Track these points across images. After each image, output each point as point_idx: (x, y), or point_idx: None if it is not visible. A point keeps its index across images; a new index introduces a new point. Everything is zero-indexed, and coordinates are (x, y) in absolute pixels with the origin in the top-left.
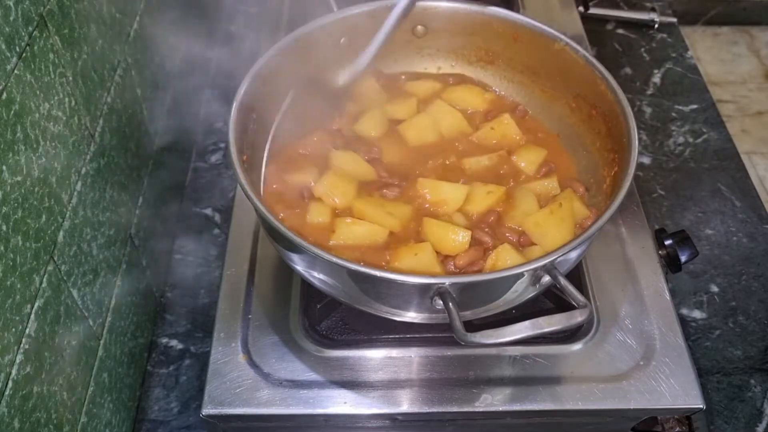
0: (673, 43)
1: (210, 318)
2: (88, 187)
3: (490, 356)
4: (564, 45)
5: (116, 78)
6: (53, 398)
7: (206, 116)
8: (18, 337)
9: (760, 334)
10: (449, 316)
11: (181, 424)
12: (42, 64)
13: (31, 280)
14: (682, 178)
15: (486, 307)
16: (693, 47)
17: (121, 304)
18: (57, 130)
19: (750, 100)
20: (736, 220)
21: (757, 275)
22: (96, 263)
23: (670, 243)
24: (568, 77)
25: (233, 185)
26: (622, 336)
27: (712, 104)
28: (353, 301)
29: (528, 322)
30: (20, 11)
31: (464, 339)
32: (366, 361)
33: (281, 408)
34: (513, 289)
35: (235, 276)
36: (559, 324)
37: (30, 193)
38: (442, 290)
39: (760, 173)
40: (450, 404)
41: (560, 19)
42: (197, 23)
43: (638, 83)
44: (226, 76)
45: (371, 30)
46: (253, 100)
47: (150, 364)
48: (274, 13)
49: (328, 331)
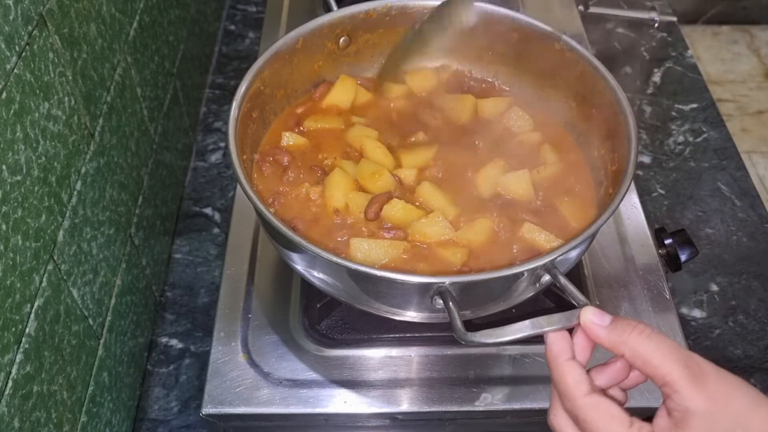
0: (673, 42)
1: (210, 317)
2: (88, 186)
3: (490, 355)
4: (563, 44)
5: (116, 77)
6: (53, 397)
7: (206, 115)
8: (18, 337)
9: (760, 333)
10: (449, 315)
11: (181, 424)
12: (42, 64)
13: (30, 280)
14: (681, 177)
15: (485, 307)
16: (693, 46)
17: (121, 304)
18: (57, 129)
19: (750, 99)
20: (736, 219)
21: (757, 274)
22: (96, 262)
23: (669, 242)
24: (568, 76)
25: (233, 185)
26: None
27: (712, 103)
28: (353, 300)
29: (528, 322)
30: (20, 10)
31: (464, 338)
32: (366, 361)
33: (281, 407)
34: (512, 288)
35: (235, 275)
36: (559, 323)
37: (30, 193)
38: (442, 289)
39: (760, 172)
40: (450, 403)
41: (560, 18)
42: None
43: (638, 82)
44: (226, 75)
45: (371, 29)
46: (253, 99)
47: (150, 363)
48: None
49: (328, 330)
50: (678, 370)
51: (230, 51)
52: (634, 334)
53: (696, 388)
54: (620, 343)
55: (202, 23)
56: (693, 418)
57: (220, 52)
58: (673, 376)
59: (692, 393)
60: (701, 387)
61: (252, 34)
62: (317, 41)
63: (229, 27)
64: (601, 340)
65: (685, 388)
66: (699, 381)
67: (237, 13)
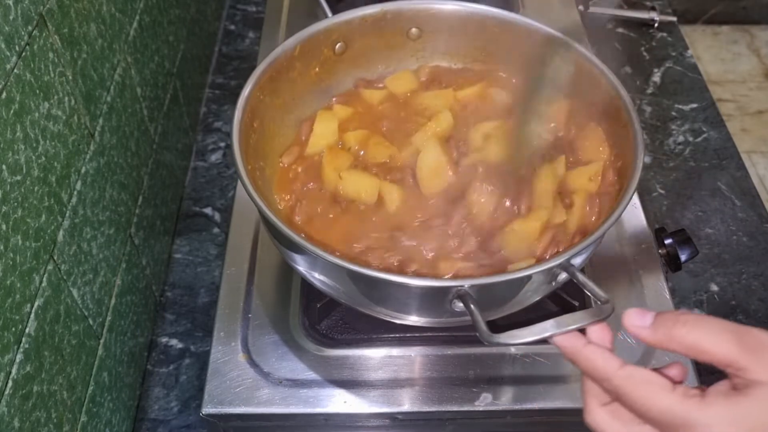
0: (673, 42)
1: (210, 317)
2: (88, 186)
3: (491, 355)
4: (578, 53)
5: (116, 77)
6: (53, 397)
7: (206, 115)
8: (18, 337)
9: None
10: (472, 318)
11: (181, 423)
12: (42, 64)
13: (30, 280)
14: (681, 177)
15: (501, 308)
16: (693, 46)
17: (121, 304)
18: (57, 129)
19: (750, 99)
20: (736, 219)
21: (757, 274)
22: (96, 262)
23: (670, 242)
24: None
25: (233, 184)
26: (622, 335)
27: (712, 103)
28: (357, 304)
29: (553, 321)
30: (20, 10)
31: (490, 340)
32: (366, 360)
33: (281, 407)
34: (527, 287)
35: (235, 275)
36: (584, 320)
37: (30, 193)
38: (461, 292)
39: (760, 172)
40: (450, 403)
41: (560, 18)
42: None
43: (638, 82)
44: (226, 75)
45: (366, 34)
46: (253, 109)
47: (150, 363)
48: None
49: (329, 330)
50: (734, 349)
51: (230, 51)
52: (677, 327)
53: (759, 362)
54: (667, 340)
55: (202, 23)
56: (757, 387)
57: (220, 52)
58: (730, 357)
59: (756, 367)
60: (763, 359)
61: (252, 34)
62: (314, 48)
63: (229, 27)
64: (648, 341)
65: (749, 365)
66: (759, 354)
67: (237, 13)
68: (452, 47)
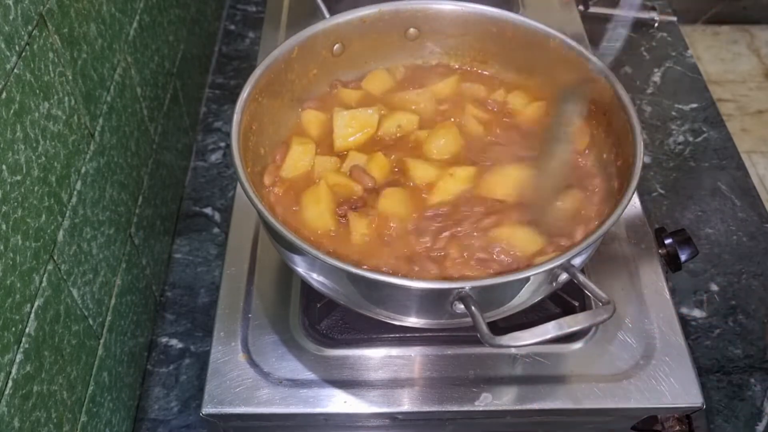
0: (673, 42)
1: (210, 317)
2: (88, 186)
3: (491, 355)
4: (559, 42)
5: (116, 77)
6: (53, 397)
7: (206, 115)
8: (18, 337)
9: (760, 333)
10: (474, 320)
11: (181, 423)
12: (42, 64)
13: (30, 280)
14: (682, 177)
15: (502, 309)
16: (693, 46)
17: (121, 304)
18: (57, 129)
19: (750, 99)
20: (735, 218)
21: (757, 274)
22: (96, 262)
23: (670, 242)
24: (566, 75)
25: (233, 184)
26: (622, 335)
27: (712, 103)
28: (356, 305)
29: (554, 323)
30: (20, 10)
31: (492, 342)
32: (366, 360)
33: (281, 407)
34: (527, 288)
35: (235, 275)
36: (585, 322)
37: (30, 193)
38: (463, 294)
39: (760, 172)
40: (450, 403)
41: (560, 18)
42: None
43: (638, 82)
44: (226, 75)
45: (364, 35)
46: (252, 112)
47: (150, 363)
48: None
49: (328, 330)
50: None
51: (230, 51)
52: None
53: None
54: None
55: (202, 23)
56: None
57: (220, 52)
58: None
59: None
60: None
61: (252, 34)
62: (312, 49)
63: (229, 27)
64: None
65: None
66: None
67: (237, 13)
68: (451, 47)
